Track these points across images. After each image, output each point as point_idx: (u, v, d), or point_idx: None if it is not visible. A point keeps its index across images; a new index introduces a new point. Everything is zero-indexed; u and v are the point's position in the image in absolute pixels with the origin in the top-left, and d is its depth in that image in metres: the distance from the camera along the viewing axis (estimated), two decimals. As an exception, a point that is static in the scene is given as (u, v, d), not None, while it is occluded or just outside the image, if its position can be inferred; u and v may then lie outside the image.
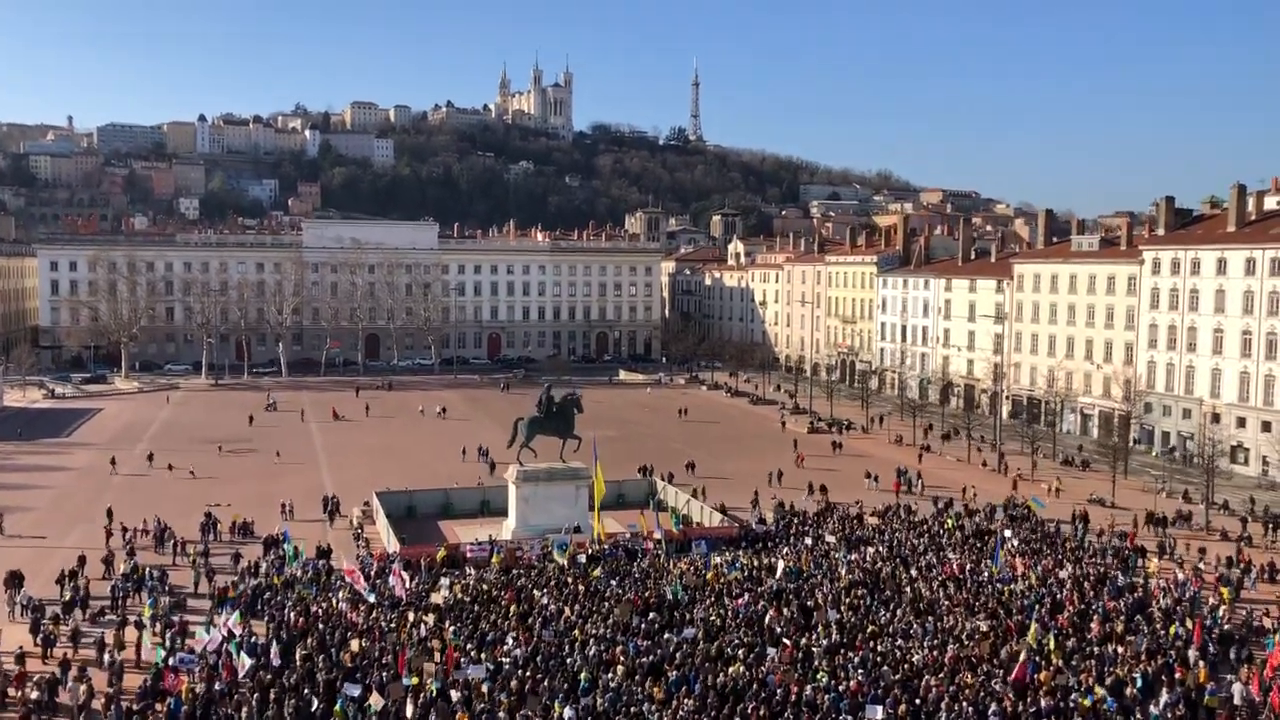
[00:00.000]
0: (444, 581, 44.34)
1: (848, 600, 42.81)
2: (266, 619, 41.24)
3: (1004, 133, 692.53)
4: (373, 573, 46.31)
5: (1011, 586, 45.38)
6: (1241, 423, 78.13)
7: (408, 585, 43.78)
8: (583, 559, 47.72)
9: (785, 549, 51.31)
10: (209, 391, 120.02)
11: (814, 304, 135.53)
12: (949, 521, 57.63)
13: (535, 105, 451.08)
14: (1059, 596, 44.18)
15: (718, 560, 47.59)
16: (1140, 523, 60.74)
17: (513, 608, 41.40)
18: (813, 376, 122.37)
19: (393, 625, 39.69)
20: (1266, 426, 76.30)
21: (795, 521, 57.15)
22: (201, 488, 67.20)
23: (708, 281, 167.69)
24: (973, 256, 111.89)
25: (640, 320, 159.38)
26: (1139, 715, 32.81)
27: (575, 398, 57.28)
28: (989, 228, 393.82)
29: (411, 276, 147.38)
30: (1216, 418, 79.49)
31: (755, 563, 48.36)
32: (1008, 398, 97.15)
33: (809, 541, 52.35)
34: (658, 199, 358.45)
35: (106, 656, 37.25)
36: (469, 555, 49.21)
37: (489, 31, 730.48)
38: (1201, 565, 50.01)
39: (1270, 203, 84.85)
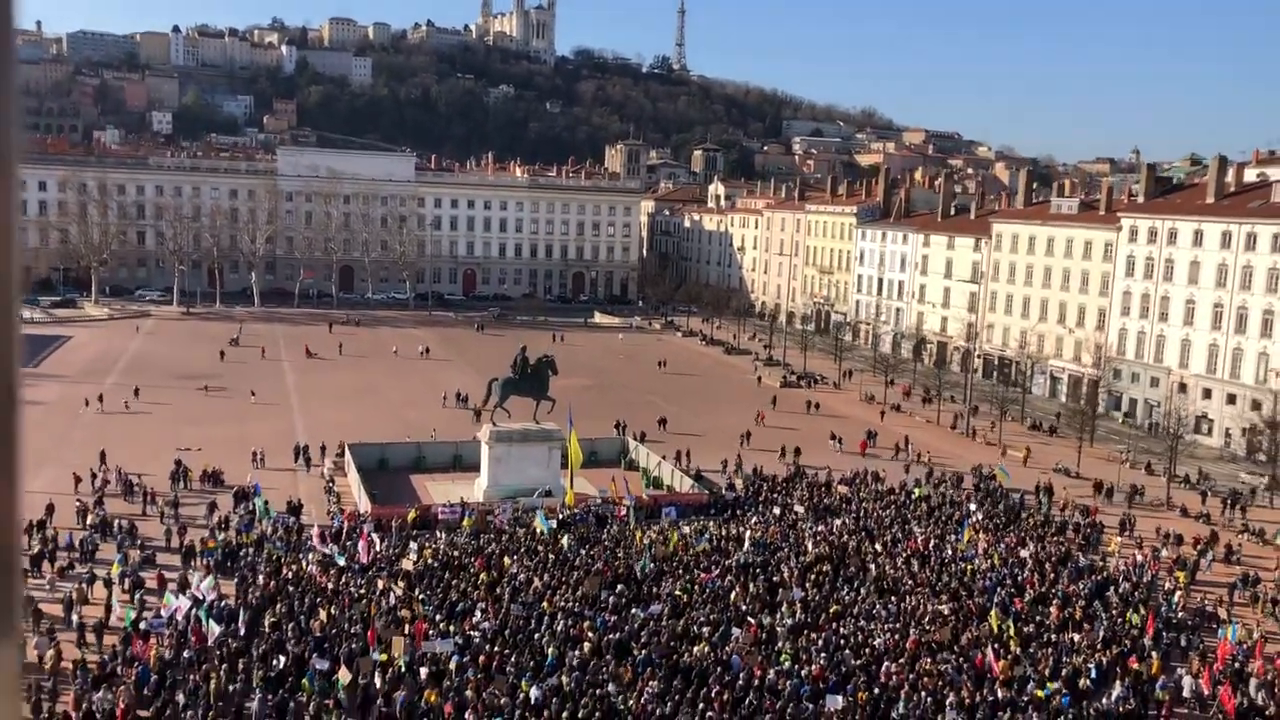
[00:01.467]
0: (413, 546, 44.64)
1: (812, 577, 43.52)
2: (236, 579, 41.46)
3: (988, 76, 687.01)
4: (343, 533, 46.56)
5: (974, 564, 46.23)
6: (1207, 394, 79.21)
7: (377, 549, 44.07)
8: (553, 524, 48.11)
9: (754, 518, 51.90)
10: (180, 321, 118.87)
11: (792, 253, 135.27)
12: (916, 491, 58.41)
13: (517, 27, 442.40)
14: (1020, 578, 45.09)
15: (686, 530, 48.11)
16: (1100, 494, 61.99)
17: (482, 575, 41.83)
18: (788, 326, 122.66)
19: (362, 592, 40.02)
20: (1231, 399, 77.39)
21: (765, 488, 57.72)
22: (172, 429, 66.90)
23: (687, 224, 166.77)
24: (953, 212, 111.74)
25: (618, 261, 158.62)
26: (1091, 708, 33.74)
27: (549, 360, 57.25)
28: (970, 170, 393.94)
29: (387, 208, 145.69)
30: (1184, 388, 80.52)
31: (723, 532, 48.98)
32: (979, 357, 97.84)
33: (777, 511, 52.97)
34: (639, 129, 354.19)
35: (74, 616, 37.38)
36: (440, 517, 49.50)
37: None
38: (1163, 552, 50.90)
39: (1250, 175, 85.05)
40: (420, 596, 39.37)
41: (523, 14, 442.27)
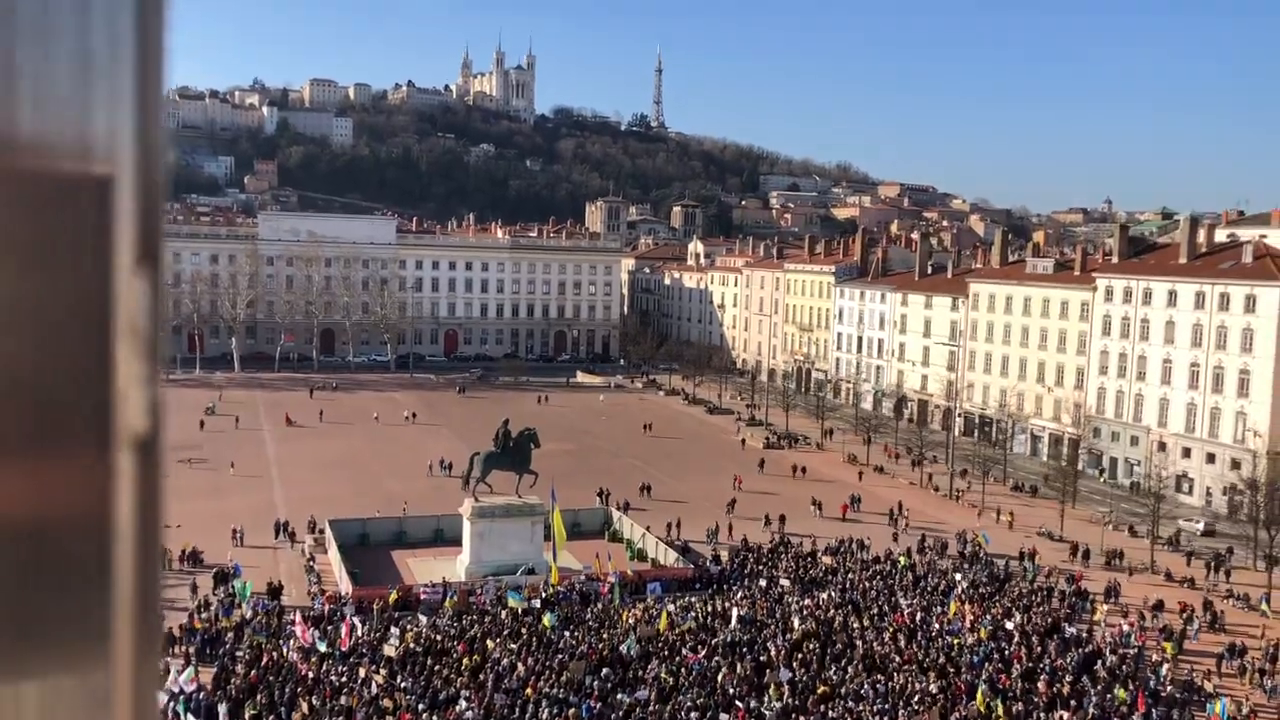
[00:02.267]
0: (394, 630, 44.11)
1: (800, 655, 43.20)
2: (216, 668, 40.80)
3: (961, 128, 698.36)
4: (324, 617, 45.98)
5: (961, 639, 46.03)
6: (1187, 453, 79.68)
7: (358, 634, 43.54)
8: (536, 604, 47.69)
9: (739, 592, 51.60)
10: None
11: (772, 311, 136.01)
12: (901, 561, 58.28)
13: (497, 87, 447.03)
14: (1007, 652, 44.90)
15: (671, 609, 47.75)
16: (1076, 557, 62.26)
17: (465, 660, 41.34)
18: (769, 383, 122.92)
19: (344, 680, 39.46)
20: (1211, 458, 77.87)
21: (750, 559, 57.47)
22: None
23: (667, 281, 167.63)
24: (929, 271, 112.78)
25: (599, 319, 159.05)
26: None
27: (532, 433, 57.13)
28: (945, 222, 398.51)
29: (369, 271, 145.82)
30: (1163, 447, 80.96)
31: (709, 608, 48.64)
32: (960, 415, 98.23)
33: (763, 584, 52.71)
34: (619, 185, 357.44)
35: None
36: (423, 598, 48.98)
37: (451, 11, 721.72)
38: (1149, 620, 50.84)
39: (1220, 235, 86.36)
40: (402, 685, 38.83)
41: (502, 74, 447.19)
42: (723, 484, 76.55)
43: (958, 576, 55.00)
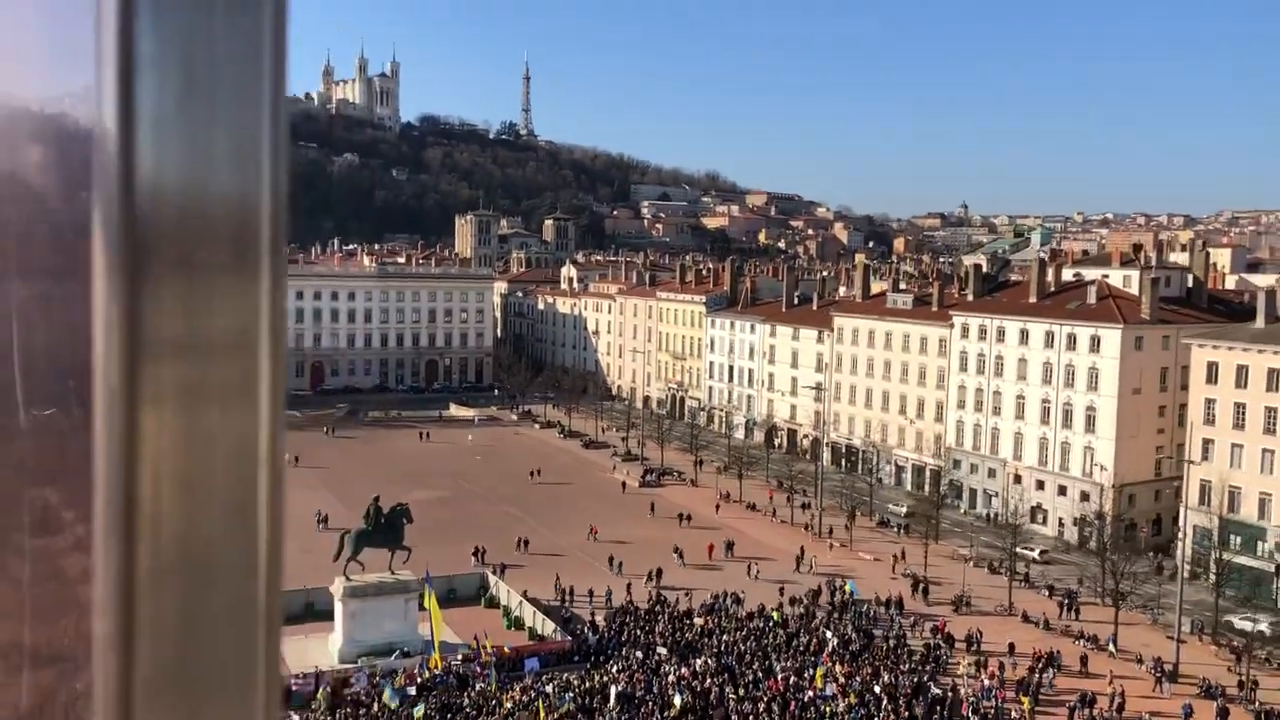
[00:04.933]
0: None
1: (678, 737, 43.76)
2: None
3: (823, 137, 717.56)
4: None
5: (832, 704, 47.32)
6: (1041, 485, 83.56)
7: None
8: (412, 690, 47.03)
9: (616, 665, 51.90)
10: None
11: (646, 338, 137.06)
12: (774, 616, 59.54)
13: (361, 94, 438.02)
14: (876, 719, 46.35)
15: (549, 690, 47.71)
16: (913, 592, 65.19)
17: (340, 764, 40.52)
18: (645, 410, 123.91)
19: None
20: (1062, 490, 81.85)
21: (628, 623, 57.87)
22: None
23: (541, 305, 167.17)
24: (796, 301, 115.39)
25: (472, 346, 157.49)
26: None
27: (404, 508, 56.28)
28: (811, 231, 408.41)
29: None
30: (1019, 479, 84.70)
31: (585, 686, 48.78)
32: (828, 445, 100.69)
33: (640, 655, 53.14)
34: (489, 195, 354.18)
35: None
36: (293, 689, 47.69)
37: (312, 15, 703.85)
38: (1005, 672, 53.13)
39: (1067, 274, 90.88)
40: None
41: (365, 81, 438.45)
42: (604, 532, 77.04)
43: (828, 634, 56.46)
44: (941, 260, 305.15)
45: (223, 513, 0.79)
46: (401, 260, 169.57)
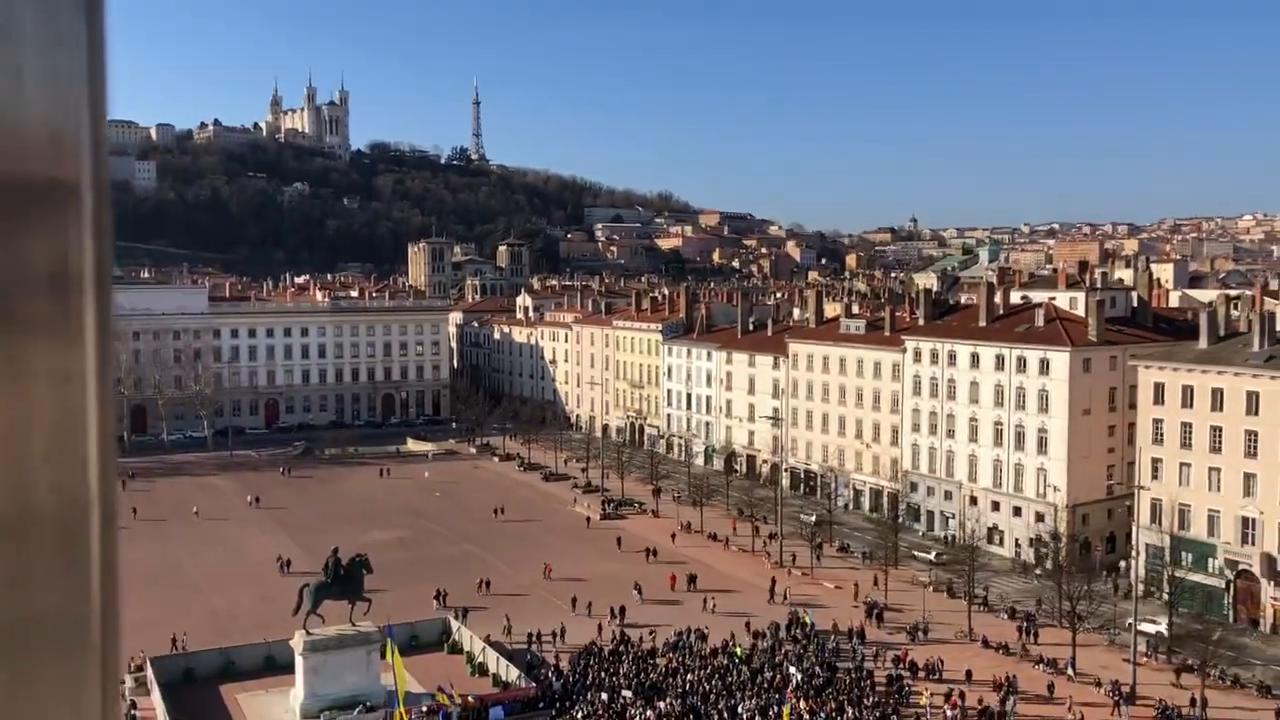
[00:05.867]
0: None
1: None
2: None
3: (776, 155, 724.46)
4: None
5: (798, 745, 47.56)
6: (996, 506, 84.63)
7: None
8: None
9: (581, 711, 51.79)
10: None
11: (604, 367, 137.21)
12: (738, 651, 59.73)
13: (310, 123, 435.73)
14: (842, 757, 46.65)
15: (515, 740, 47.54)
16: (865, 617, 65.77)
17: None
18: (604, 439, 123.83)
19: None
20: (1017, 511, 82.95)
21: (592, 666, 57.75)
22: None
23: (497, 335, 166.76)
24: (751, 328, 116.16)
25: (428, 379, 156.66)
26: None
27: (363, 559, 55.85)
28: (764, 249, 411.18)
29: (180, 343, 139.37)
30: (974, 501, 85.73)
31: (553, 733, 48.69)
32: (787, 471, 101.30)
33: (605, 697, 53.05)
34: (441, 221, 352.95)
35: None
36: (256, 750, 47.11)
37: (259, 46, 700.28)
38: (966, 701, 53.67)
39: (1015, 297, 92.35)
40: None
41: (314, 109, 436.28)
42: (566, 569, 76.88)
43: (792, 670, 56.72)
44: (893, 275, 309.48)
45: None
46: (355, 293, 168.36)
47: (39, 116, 0.73)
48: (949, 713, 51.89)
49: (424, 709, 51.15)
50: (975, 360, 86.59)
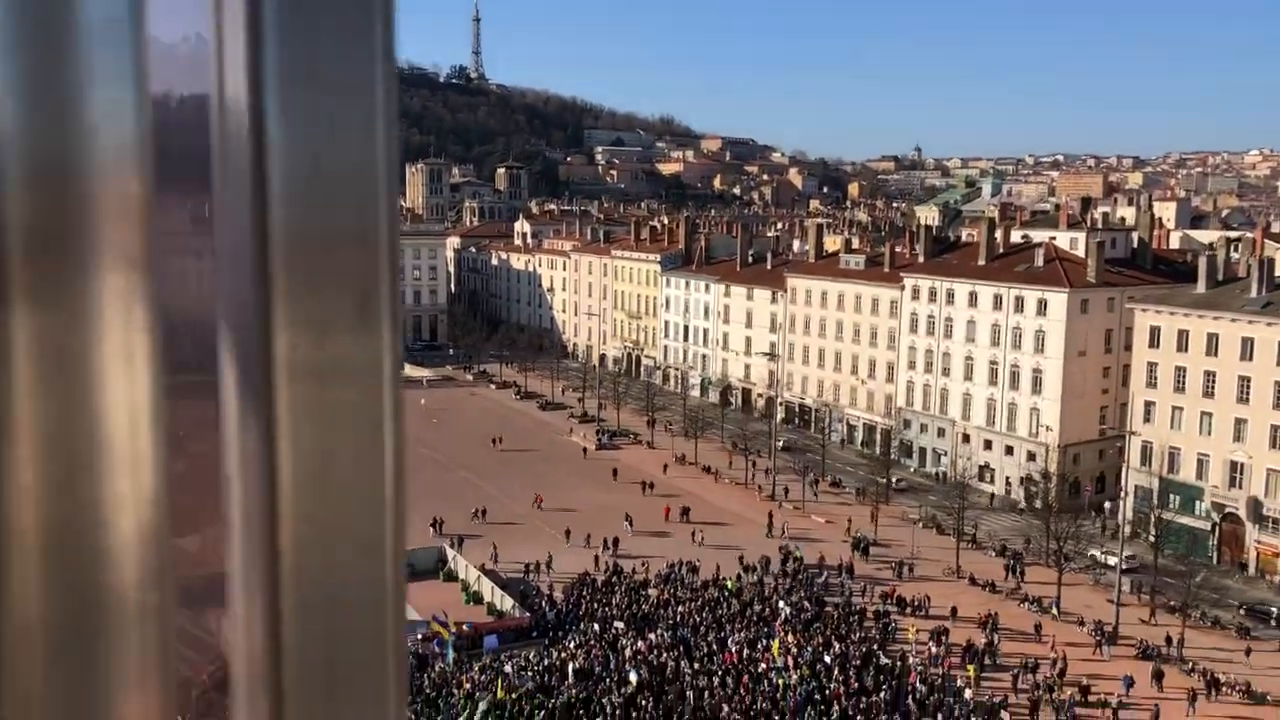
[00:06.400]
0: None
1: (634, 715, 44.89)
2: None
3: (778, 80, 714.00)
4: None
5: (785, 678, 48.67)
6: (989, 445, 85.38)
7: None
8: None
9: (573, 640, 52.93)
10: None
11: (601, 297, 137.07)
12: (729, 585, 60.83)
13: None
14: (828, 690, 47.79)
15: (508, 669, 48.61)
16: (852, 552, 66.83)
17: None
18: (601, 369, 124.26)
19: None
20: (1010, 450, 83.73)
21: (585, 596, 58.86)
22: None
23: (495, 262, 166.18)
24: (750, 260, 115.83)
25: (426, 304, 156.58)
26: None
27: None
28: (765, 176, 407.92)
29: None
30: (967, 439, 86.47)
31: (545, 661, 49.81)
32: (782, 404, 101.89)
33: (597, 628, 54.17)
34: (439, 140, 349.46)
35: None
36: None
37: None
38: (951, 637, 54.82)
39: (1016, 235, 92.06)
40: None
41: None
42: (563, 498, 77.84)
43: (781, 604, 57.80)
44: (894, 206, 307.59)
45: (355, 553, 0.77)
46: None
47: (349, 162, 0.76)
48: (933, 649, 52.99)
49: (419, 637, 52.17)
50: (973, 299, 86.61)
